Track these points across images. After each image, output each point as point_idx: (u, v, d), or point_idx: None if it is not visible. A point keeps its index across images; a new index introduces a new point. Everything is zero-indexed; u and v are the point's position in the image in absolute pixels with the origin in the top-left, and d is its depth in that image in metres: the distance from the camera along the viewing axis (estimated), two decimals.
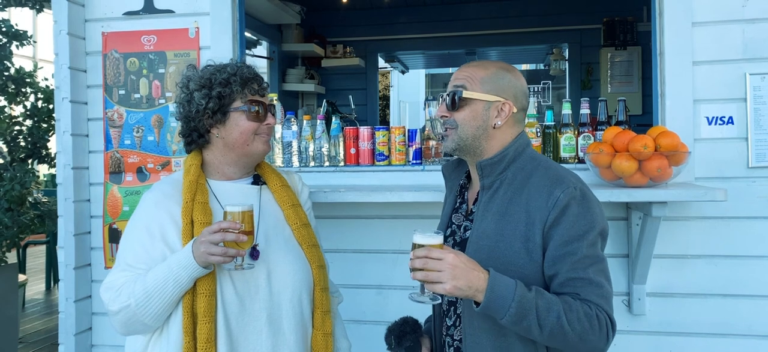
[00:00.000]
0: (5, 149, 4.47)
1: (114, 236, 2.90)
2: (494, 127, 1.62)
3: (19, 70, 4.53)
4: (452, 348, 1.67)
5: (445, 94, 1.67)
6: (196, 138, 1.82)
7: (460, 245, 1.65)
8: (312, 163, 2.78)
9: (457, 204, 1.75)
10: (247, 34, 4.77)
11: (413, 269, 1.44)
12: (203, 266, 1.63)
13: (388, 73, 9.80)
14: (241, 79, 1.80)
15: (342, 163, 2.76)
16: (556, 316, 1.42)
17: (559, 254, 1.49)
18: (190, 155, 1.86)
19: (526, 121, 2.16)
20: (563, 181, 1.54)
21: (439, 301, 1.54)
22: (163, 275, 1.65)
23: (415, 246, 1.47)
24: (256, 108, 1.80)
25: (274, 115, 1.87)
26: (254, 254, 1.74)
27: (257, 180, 1.90)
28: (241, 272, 1.71)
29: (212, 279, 1.68)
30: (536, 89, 6.29)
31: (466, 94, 1.62)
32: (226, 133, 1.79)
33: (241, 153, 1.82)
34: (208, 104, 1.77)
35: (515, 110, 1.63)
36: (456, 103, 1.62)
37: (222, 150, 1.82)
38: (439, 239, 1.47)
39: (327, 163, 2.76)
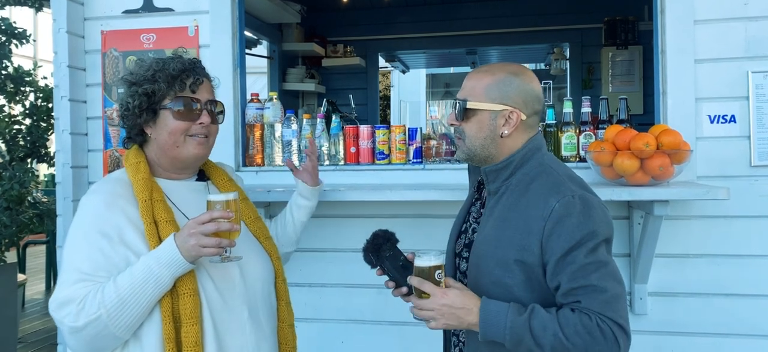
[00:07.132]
0: (4, 148, 4.46)
1: None
2: (502, 136, 1.58)
3: (18, 69, 4.52)
4: (457, 349, 1.70)
5: (453, 101, 1.65)
6: (134, 135, 1.72)
7: (468, 246, 1.66)
8: None
9: (473, 201, 1.76)
10: (247, 34, 4.75)
11: (412, 302, 1.54)
12: (191, 262, 1.51)
13: (389, 72, 9.78)
14: (167, 76, 1.66)
15: (342, 162, 2.74)
16: (552, 334, 1.41)
17: (559, 266, 1.46)
18: (133, 152, 1.71)
19: None
20: (560, 188, 1.50)
21: None
22: (140, 277, 1.49)
23: (414, 269, 1.53)
24: (184, 106, 1.65)
25: (214, 113, 1.70)
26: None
27: (202, 176, 1.81)
28: (218, 267, 1.61)
29: (192, 277, 1.55)
30: None
31: (470, 104, 1.59)
32: (157, 133, 1.68)
33: (173, 156, 1.69)
34: (135, 102, 1.66)
35: (524, 117, 1.58)
36: (462, 113, 1.61)
37: (156, 151, 1.71)
38: (437, 261, 1.52)
39: (327, 162, 2.75)
